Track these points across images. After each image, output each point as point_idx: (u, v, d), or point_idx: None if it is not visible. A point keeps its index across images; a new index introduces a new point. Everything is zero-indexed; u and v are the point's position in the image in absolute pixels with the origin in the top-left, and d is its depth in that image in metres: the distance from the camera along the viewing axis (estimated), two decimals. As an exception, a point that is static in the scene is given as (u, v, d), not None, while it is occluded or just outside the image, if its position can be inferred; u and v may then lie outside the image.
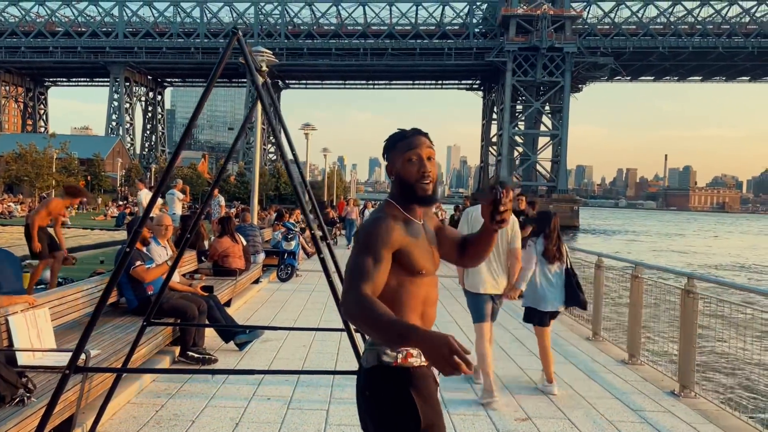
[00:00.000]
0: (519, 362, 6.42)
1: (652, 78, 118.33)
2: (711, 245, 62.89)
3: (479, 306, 5.46)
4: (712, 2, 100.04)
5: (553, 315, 5.79)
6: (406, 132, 2.18)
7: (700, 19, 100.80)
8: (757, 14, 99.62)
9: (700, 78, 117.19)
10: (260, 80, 3.48)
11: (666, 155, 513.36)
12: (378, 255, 1.97)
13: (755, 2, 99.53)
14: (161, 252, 6.52)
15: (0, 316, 4.00)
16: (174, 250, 6.93)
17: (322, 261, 3.08)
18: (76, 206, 44.36)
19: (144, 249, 6.12)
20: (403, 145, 2.14)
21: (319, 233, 3.63)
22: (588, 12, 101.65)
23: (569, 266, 5.76)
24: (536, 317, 5.70)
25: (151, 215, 10.58)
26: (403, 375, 2.02)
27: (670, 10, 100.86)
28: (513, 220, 5.49)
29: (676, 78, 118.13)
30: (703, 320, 5.65)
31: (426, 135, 2.18)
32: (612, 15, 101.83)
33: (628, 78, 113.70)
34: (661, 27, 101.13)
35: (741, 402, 6.05)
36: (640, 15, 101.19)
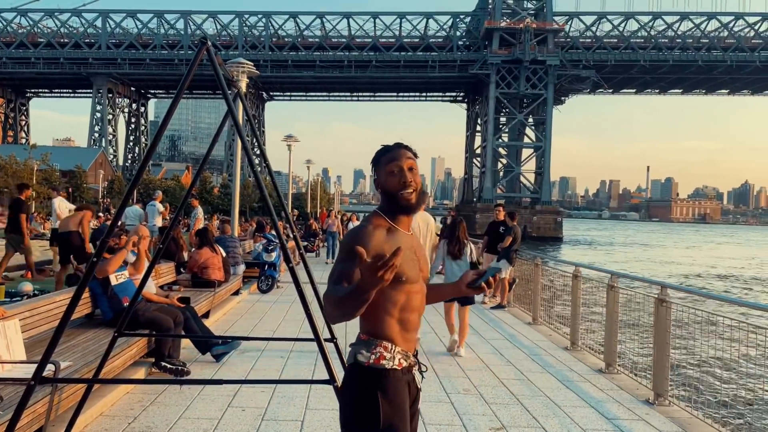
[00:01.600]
0: (497, 372, 6.43)
1: (634, 91, 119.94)
2: (694, 255, 63.64)
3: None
4: (691, 17, 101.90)
5: (465, 301, 7.32)
6: (388, 146, 2.30)
7: (680, 33, 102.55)
8: (735, 28, 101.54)
9: (681, 91, 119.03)
10: (234, 90, 3.49)
11: (648, 167, 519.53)
12: (354, 259, 1.97)
13: (733, 17, 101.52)
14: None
15: (-32, 327, 3.95)
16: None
17: (292, 270, 3.08)
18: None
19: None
20: (386, 159, 2.26)
21: (291, 243, 3.64)
22: (570, 25, 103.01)
23: (474, 260, 7.72)
24: (459, 301, 7.40)
25: (127, 226, 10.47)
26: (372, 375, 2.13)
27: (650, 24, 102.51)
28: (431, 222, 7.76)
29: (657, 91, 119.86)
30: (677, 329, 5.72)
31: (407, 147, 2.30)
32: (594, 28, 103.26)
33: (610, 90, 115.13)
34: (642, 40, 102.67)
35: (714, 409, 6.11)
36: (621, 29, 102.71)
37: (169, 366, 5.69)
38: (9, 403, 3.51)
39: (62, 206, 12.43)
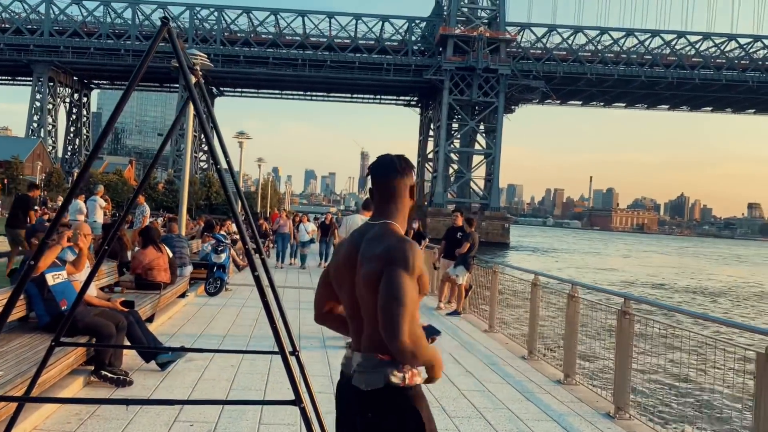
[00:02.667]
0: (457, 383, 6.27)
1: (581, 102, 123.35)
2: (632, 263, 65.79)
3: None
4: (636, 33, 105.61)
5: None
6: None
7: (625, 48, 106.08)
8: (677, 47, 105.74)
9: (624, 105, 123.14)
10: (193, 79, 3.19)
11: (591, 177, 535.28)
12: (415, 280, 2.11)
13: (675, 35, 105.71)
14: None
15: None
16: (93, 261, 6.42)
17: (257, 279, 2.81)
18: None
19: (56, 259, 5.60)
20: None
21: (253, 246, 3.35)
22: (522, 36, 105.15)
23: None
24: None
25: (66, 222, 9.84)
26: (411, 395, 2.12)
27: (597, 38, 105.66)
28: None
29: (602, 104, 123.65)
30: (637, 340, 5.68)
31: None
32: (544, 40, 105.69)
33: (558, 101, 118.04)
34: (590, 54, 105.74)
35: (674, 424, 6.13)
36: (570, 42, 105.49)
37: (110, 375, 5.28)
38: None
39: None
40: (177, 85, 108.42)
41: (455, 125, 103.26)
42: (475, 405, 5.53)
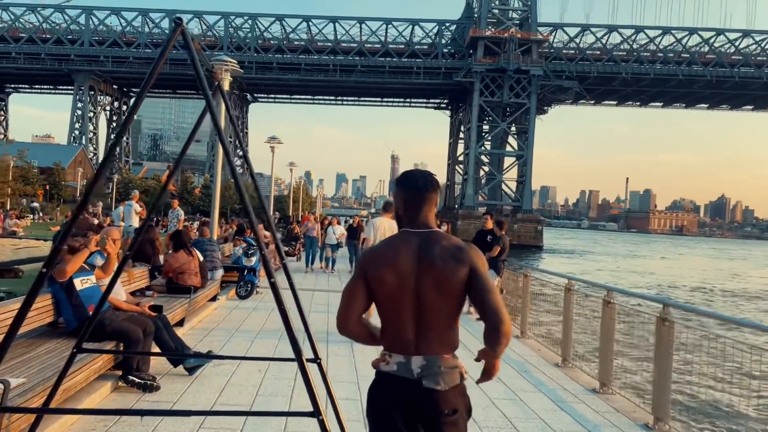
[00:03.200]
0: (487, 391, 6.09)
1: (615, 102, 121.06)
2: (673, 266, 64.21)
3: None
4: (673, 31, 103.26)
5: None
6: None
7: (661, 47, 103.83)
8: (716, 44, 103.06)
9: (661, 104, 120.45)
10: (214, 81, 3.13)
11: (627, 178, 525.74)
12: None
13: (714, 33, 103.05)
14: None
15: None
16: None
17: (273, 285, 2.72)
18: (30, 216, 42.91)
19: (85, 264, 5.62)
20: None
21: (274, 252, 3.27)
22: (554, 36, 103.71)
23: None
24: None
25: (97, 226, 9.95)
26: (466, 385, 2.39)
27: (633, 37, 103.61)
28: (391, 225, 8.07)
29: (638, 103, 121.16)
30: (677, 348, 5.43)
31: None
32: (577, 40, 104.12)
33: (592, 102, 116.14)
34: (625, 53, 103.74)
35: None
36: (604, 41, 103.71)
37: (137, 380, 5.28)
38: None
39: None
40: (212, 92, 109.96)
41: (486, 127, 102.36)
42: (506, 415, 5.36)
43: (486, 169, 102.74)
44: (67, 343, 5.12)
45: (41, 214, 48.29)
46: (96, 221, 17.09)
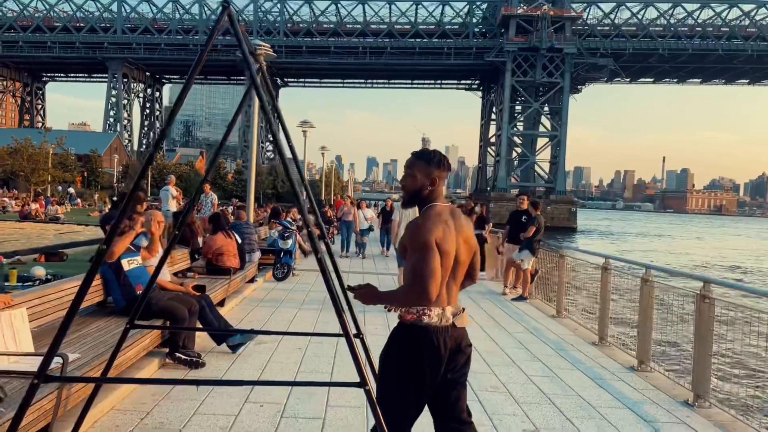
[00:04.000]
0: (524, 368, 6.14)
1: (652, 80, 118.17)
2: (708, 247, 62.90)
3: (398, 257, 9.81)
4: (712, 4, 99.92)
5: None
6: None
7: (700, 21, 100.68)
8: (757, 17, 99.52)
9: (699, 80, 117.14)
10: (255, 65, 3.20)
11: (664, 157, 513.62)
12: None
13: (755, 5, 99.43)
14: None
15: (-28, 316, 3.71)
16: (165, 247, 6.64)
17: (320, 261, 2.81)
18: (70, 202, 44.03)
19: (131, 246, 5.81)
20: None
21: (317, 232, 3.35)
22: (588, 13, 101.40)
23: None
24: None
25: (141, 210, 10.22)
26: None
27: (670, 12, 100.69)
28: (414, 209, 8.97)
29: (675, 80, 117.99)
30: (717, 326, 5.38)
31: (415, 155, 2.91)
32: (612, 16, 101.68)
33: (628, 79, 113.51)
34: (661, 29, 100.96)
35: (758, 413, 5.78)
36: (640, 16, 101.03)
37: (183, 357, 5.46)
38: (14, 399, 3.27)
39: None
40: (243, 78, 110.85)
41: (518, 108, 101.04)
42: (544, 391, 5.40)
43: (518, 150, 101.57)
44: (116, 321, 5.32)
45: (78, 201, 49.50)
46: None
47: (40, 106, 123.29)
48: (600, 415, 4.86)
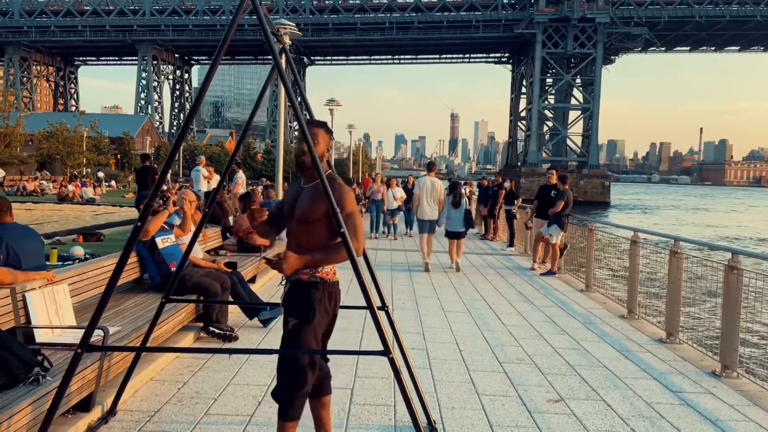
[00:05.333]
0: (551, 341, 6.19)
1: (688, 48, 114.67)
2: (741, 220, 61.45)
3: (422, 225, 11.04)
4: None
5: (457, 235, 10.95)
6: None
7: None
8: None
9: (738, 48, 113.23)
10: (279, 45, 3.28)
11: (701, 129, 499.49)
12: None
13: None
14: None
15: (18, 292, 3.92)
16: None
17: (343, 236, 2.90)
18: (106, 184, 44.98)
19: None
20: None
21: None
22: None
23: (467, 207, 11.07)
24: (450, 235, 11.03)
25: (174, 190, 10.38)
26: None
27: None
28: (433, 183, 10.86)
29: (712, 48, 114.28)
30: (745, 296, 5.35)
31: (314, 124, 3.14)
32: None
33: (663, 49, 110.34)
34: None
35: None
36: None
37: (217, 331, 5.65)
38: (58, 369, 3.47)
39: None
40: (270, 57, 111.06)
41: (549, 80, 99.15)
42: (569, 362, 5.46)
43: (549, 124, 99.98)
44: (152, 297, 5.53)
45: (113, 182, 50.54)
46: (166, 187, 17.89)
47: (73, 90, 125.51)
48: (625, 385, 4.91)
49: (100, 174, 42.07)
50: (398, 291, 8.40)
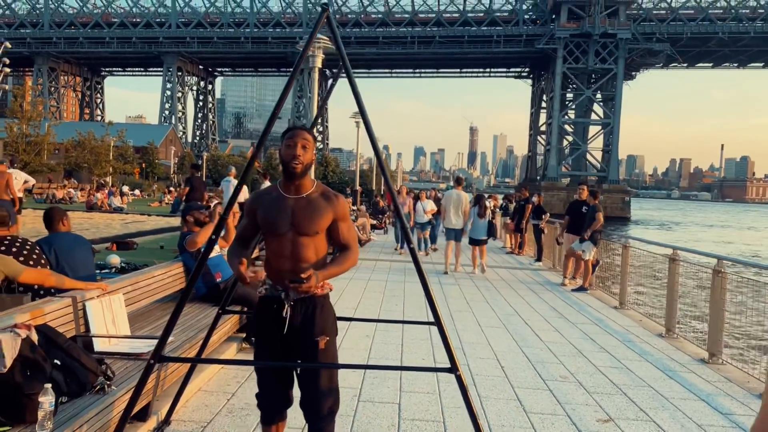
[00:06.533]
0: (592, 359, 6.14)
1: (710, 65, 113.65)
2: (758, 237, 60.45)
3: (448, 233, 12.32)
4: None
5: (479, 242, 12.25)
6: (291, 127, 2.89)
7: (762, 2, 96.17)
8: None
9: (762, 64, 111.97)
10: (339, 64, 3.34)
11: (722, 145, 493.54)
12: (244, 218, 2.98)
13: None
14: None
15: (78, 301, 3.99)
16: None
17: (412, 251, 2.93)
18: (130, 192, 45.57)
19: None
20: (286, 136, 2.84)
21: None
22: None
23: (491, 219, 12.66)
24: (472, 242, 12.31)
25: (215, 203, 10.52)
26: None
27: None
28: (459, 195, 12.26)
29: (735, 65, 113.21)
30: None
31: (306, 129, 2.89)
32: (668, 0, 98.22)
33: (685, 65, 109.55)
34: (721, 11, 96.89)
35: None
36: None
37: (260, 342, 5.69)
38: (119, 378, 3.52)
39: None
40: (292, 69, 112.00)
41: (570, 95, 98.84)
42: (614, 382, 5.41)
43: (570, 138, 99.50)
44: (198, 307, 5.59)
45: (137, 191, 51.14)
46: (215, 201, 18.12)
47: (99, 100, 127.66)
48: (674, 406, 4.85)
49: (125, 188, 42.68)
50: (455, 307, 8.42)
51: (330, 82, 3.79)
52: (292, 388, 3.05)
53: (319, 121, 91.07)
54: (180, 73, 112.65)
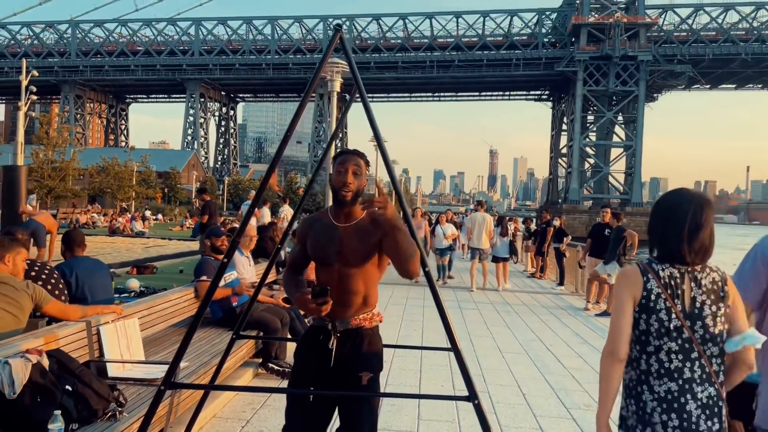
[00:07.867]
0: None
1: (734, 86, 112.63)
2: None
3: (473, 252, 13.53)
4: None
5: (502, 259, 13.59)
6: (344, 150, 2.77)
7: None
8: None
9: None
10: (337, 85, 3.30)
11: (748, 167, 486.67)
12: (297, 243, 2.90)
13: None
14: (244, 262, 6.46)
15: (93, 326, 3.96)
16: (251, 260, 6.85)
17: (428, 275, 2.84)
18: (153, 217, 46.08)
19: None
20: (337, 161, 2.74)
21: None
22: (664, 19, 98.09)
23: (512, 239, 14.39)
24: (495, 259, 13.54)
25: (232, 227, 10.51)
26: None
27: (752, 15, 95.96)
28: (483, 217, 13.36)
29: (759, 86, 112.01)
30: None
31: (358, 154, 2.80)
32: (690, 21, 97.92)
33: (707, 86, 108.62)
34: (744, 33, 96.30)
35: None
36: (720, 21, 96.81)
37: (276, 368, 5.62)
38: (132, 404, 3.47)
39: None
40: (313, 95, 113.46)
41: (590, 117, 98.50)
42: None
43: (591, 161, 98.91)
44: (214, 331, 5.54)
45: (159, 216, 51.71)
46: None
47: (124, 126, 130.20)
48: None
49: (147, 212, 43.24)
50: (475, 333, 8.27)
51: (346, 105, 3.68)
52: (327, 426, 2.85)
53: (336, 144, 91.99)
54: (203, 100, 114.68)
